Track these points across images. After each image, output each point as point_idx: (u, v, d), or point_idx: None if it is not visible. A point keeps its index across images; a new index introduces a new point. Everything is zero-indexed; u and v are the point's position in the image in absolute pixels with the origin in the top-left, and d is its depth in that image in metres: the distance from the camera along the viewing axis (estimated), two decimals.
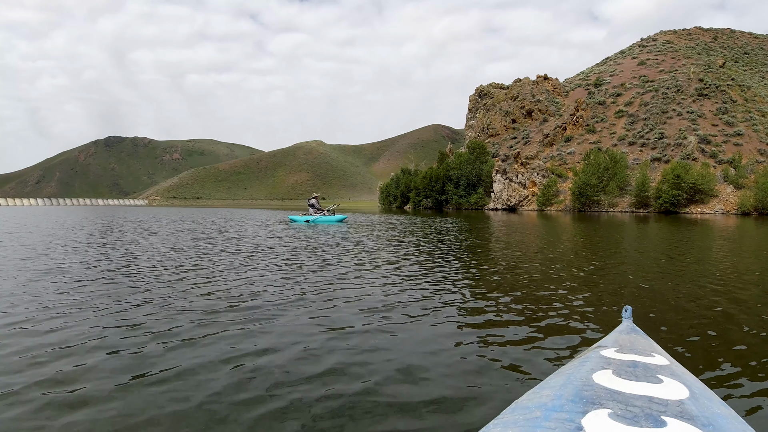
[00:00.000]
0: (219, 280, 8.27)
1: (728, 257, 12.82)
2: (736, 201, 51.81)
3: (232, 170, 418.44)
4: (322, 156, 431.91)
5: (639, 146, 68.81)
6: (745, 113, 69.67)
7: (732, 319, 5.79)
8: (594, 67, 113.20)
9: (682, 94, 76.41)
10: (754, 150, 62.14)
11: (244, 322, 5.52)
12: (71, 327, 5.25)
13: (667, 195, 52.93)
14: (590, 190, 57.05)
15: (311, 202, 28.35)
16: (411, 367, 4.09)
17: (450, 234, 19.38)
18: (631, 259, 12.11)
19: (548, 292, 7.42)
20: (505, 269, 9.92)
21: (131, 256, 11.62)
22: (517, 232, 21.68)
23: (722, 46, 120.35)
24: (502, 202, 65.58)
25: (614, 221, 34.86)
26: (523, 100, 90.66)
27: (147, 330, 5.15)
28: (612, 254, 13.34)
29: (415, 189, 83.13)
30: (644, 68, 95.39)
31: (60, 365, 4.10)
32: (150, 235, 19.08)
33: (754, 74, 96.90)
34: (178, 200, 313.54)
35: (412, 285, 7.83)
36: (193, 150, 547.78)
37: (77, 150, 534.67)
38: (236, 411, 3.27)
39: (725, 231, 24.08)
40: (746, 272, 9.82)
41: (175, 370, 3.98)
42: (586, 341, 4.82)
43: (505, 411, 1.63)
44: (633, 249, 15.20)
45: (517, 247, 14.97)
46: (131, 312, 5.93)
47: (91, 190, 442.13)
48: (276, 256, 11.66)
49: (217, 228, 23.75)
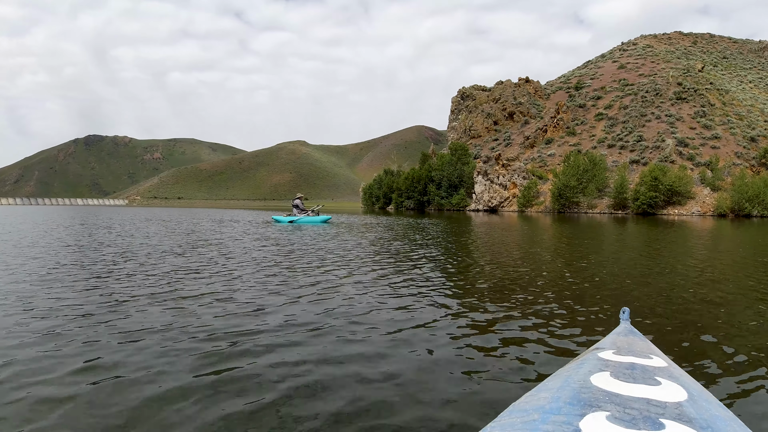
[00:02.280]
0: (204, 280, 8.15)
1: (719, 258, 12.93)
2: (712, 203, 52.55)
3: (213, 170, 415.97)
4: (305, 156, 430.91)
5: (618, 149, 69.54)
6: (723, 116, 70.73)
7: (729, 321, 5.79)
8: (575, 71, 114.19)
9: (661, 97, 77.36)
10: (731, 153, 63.08)
11: (224, 323, 5.42)
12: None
13: (644, 197, 53.57)
14: (570, 192, 57.51)
15: (295, 202, 28.25)
16: (406, 369, 4.05)
17: (436, 236, 19.25)
18: (623, 261, 12.11)
19: (543, 293, 7.37)
20: (496, 271, 9.78)
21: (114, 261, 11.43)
22: (501, 234, 21.68)
23: (702, 50, 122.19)
24: (483, 203, 65.85)
25: (594, 222, 35.15)
26: (504, 103, 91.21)
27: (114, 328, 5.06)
28: (602, 255, 13.37)
29: (397, 190, 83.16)
30: (624, 72, 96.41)
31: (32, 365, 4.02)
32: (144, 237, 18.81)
33: (733, 78, 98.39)
34: (159, 200, 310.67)
35: (402, 288, 7.67)
36: (175, 150, 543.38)
37: (57, 149, 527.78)
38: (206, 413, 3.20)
39: (708, 232, 24.41)
40: (741, 273, 9.89)
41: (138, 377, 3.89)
42: (583, 343, 4.79)
43: (503, 413, 1.61)
44: (622, 250, 15.26)
45: (505, 248, 14.89)
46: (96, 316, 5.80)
47: (71, 190, 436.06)
48: (261, 258, 11.52)
49: (208, 229, 23.51)
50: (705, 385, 2.70)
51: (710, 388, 3.54)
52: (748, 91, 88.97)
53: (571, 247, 15.95)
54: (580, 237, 20.35)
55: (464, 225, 29.04)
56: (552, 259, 12.25)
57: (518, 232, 23.71)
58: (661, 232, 24.11)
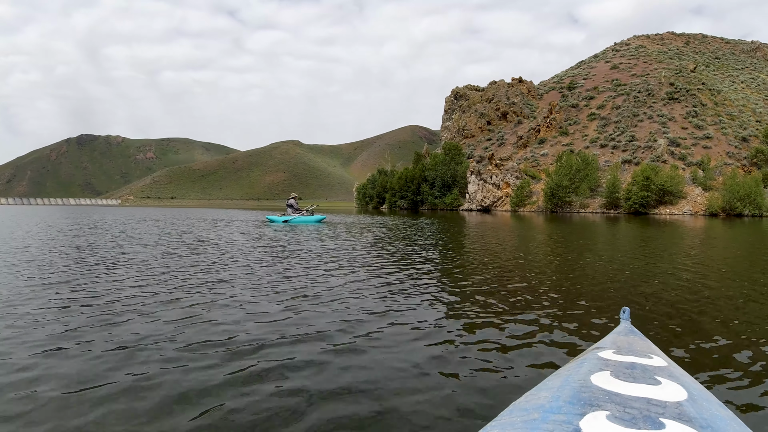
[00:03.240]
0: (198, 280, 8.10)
1: (717, 257, 12.96)
2: (704, 202, 52.81)
3: (207, 170, 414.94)
4: (299, 156, 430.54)
5: (610, 148, 69.82)
6: (715, 117, 71.16)
7: (730, 321, 5.79)
8: (568, 71, 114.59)
9: (653, 97, 77.75)
10: (722, 152, 63.44)
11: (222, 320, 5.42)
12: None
13: (636, 196, 53.80)
14: (562, 192, 57.69)
15: (290, 202, 28.20)
16: (409, 369, 4.04)
17: (431, 236, 19.16)
18: (622, 261, 12.07)
19: (542, 293, 7.36)
20: (495, 271, 9.73)
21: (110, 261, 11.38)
22: (497, 234, 21.65)
23: (694, 50, 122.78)
24: (476, 202, 65.98)
25: (588, 222, 35.22)
26: (498, 102, 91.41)
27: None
28: (599, 255, 13.35)
29: (391, 190, 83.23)
30: (617, 72, 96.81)
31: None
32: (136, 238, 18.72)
33: (725, 78, 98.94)
34: (152, 200, 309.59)
35: (399, 289, 7.58)
36: (168, 149, 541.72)
37: (49, 148, 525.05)
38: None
39: (701, 232, 24.47)
40: (739, 272, 9.91)
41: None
42: (583, 343, 4.79)
43: (503, 413, 1.62)
44: (619, 250, 15.25)
45: (503, 248, 14.83)
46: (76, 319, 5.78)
47: (63, 190, 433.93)
48: (258, 259, 11.49)
49: (204, 230, 23.43)
50: (705, 385, 2.67)
51: (711, 388, 3.53)
52: (740, 91, 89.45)
53: (568, 246, 15.94)
54: (575, 237, 20.37)
55: (459, 225, 29.02)
56: (550, 258, 12.24)
57: (513, 232, 23.72)
58: (655, 231, 24.18)
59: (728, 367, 4.19)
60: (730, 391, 3.67)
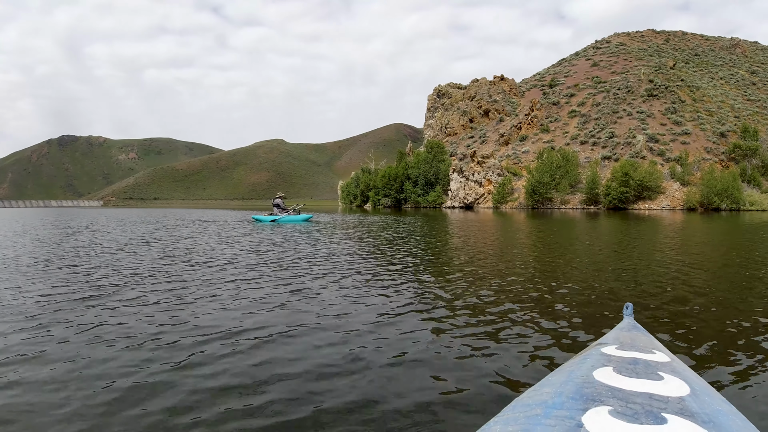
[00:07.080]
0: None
1: (710, 252, 13.13)
2: (682, 197, 53.52)
3: (190, 170, 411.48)
4: (283, 155, 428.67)
5: (590, 145, 70.38)
6: (693, 113, 71.93)
7: (732, 316, 5.80)
8: (549, 68, 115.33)
9: (632, 94, 78.44)
10: (700, 148, 64.21)
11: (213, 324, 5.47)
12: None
13: (615, 192, 54.38)
14: (543, 188, 58.11)
15: (276, 201, 28.23)
16: (406, 369, 4.07)
17: (418, 234, 18.99)
18: (617, 256, 12.10)
19: (542, 289, 7.42)
20: (494, 268, 9.74)
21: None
22: (484, 231, 21.67)
23: (674, 47, 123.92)
24: (459, 200, 66.24)
25: (569, 218, 35.51)
26: (480, 100, 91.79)
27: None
28: (594, 250, 13.43)
29: (374, 188, 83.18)
30: (597, 69, 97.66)
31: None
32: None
33: (704, 75, 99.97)
34: (135, 201, 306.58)
35: (397, 289, 7.51)
36: (151, 149, 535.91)
37: (30, 150, 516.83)
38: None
39: (683, 225, 24.75)
40: (736, 267, 9.97)
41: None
42: (586, 338, 4.82)
43: (506, 408, 1.62)
44: (611, 245, 15.32)
45: (496, 246, 14.81)
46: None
47: (45, 192, 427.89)
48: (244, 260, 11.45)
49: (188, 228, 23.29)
50: (708, 380, 2.67)
51: (713, 383, 3.54)
52: (719, 87, 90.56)
53: (559, 242, 16.08)
54: (563, 233, 20.63)
55: (442, 223, 29.11)
56: (547, 257, 12.20)
57: (500, 228, 23.83)
58: (638, 226, 24.45)
59: (731, 362, 4.22)
60: (733, 386, 3.70)
